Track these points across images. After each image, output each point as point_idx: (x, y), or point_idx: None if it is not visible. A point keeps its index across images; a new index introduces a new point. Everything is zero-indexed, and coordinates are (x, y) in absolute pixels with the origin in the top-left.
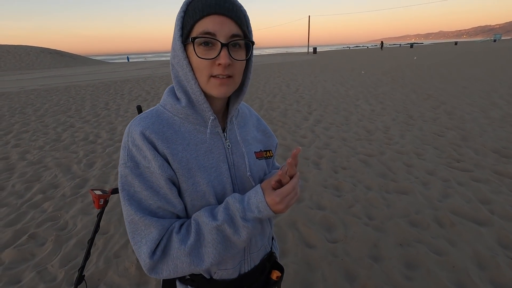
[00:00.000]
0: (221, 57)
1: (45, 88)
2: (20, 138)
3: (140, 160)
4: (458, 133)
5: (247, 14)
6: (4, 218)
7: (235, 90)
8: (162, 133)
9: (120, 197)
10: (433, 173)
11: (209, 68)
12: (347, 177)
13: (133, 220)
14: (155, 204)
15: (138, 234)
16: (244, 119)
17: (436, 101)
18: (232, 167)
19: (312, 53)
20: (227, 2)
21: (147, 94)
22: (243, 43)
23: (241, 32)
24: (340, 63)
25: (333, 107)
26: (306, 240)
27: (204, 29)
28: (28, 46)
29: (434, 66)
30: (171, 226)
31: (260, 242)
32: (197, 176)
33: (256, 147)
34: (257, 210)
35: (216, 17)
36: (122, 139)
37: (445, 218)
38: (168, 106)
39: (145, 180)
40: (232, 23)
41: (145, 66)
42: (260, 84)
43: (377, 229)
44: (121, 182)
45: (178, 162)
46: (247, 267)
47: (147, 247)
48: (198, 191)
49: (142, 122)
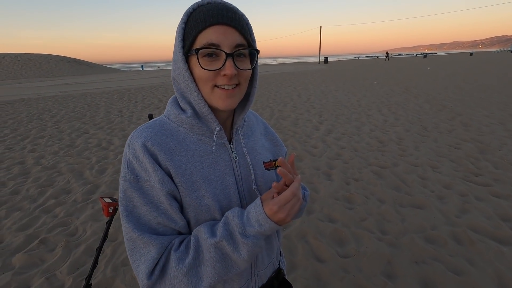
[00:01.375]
0: (227, 67)
1: (63, 95)
2: (36, 143)
3: (141, 173)
4: (476, 146)
5: (249, 22)
6: (17, 222)
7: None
8: (165, 144)
9: (120, 211)
10: (450, 187)
11: (213, 79)
12: (359, 189)
13: (131, 238)
14: (154, 220)
15: (137, 252)
16: (251, 128)
17: (451, 112)
18: (240, 181)
19: (324, 63)
20: (230, 11)
21: (160, 101)
22: (248, 52)
23: (245, 41)
24: (351, 73)
25: (344, 117)
26: (316, 254)
27: (207, 40)
28: (48, 54)
29: (449, 77)
30: (170, 244)
31: (267, 258)
32: (201, 189)
33: (266, 156)
34: (257, 224)
35: (219, 27)
36: (124, 150)
37: (464, 235)
38: (172, 117)
39: (145, 194)
40: (236, 33)
41: (158, 74)
42: (271, 93)
43: (391, 244)
44: (120, 196)
45: (181, 174)
46: (255, 286)
47: (145, 267)
48: (203, 205)
49: (143, 133)
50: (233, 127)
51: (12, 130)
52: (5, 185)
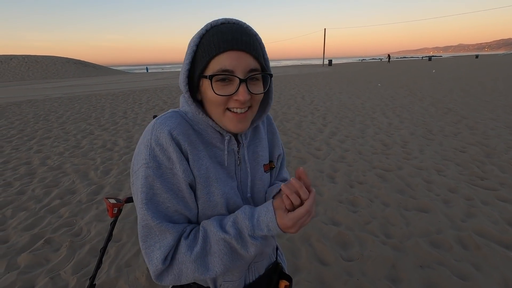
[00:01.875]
0: (240, 93)
1: (68, 97)
2: (43, 144)
3: (163, 160)
4: (482, 149)
5: (262, 41)
6: (23, 222)
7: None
8: (188, 136)
9: (138, 198)
10: (455, 191)
11: (225, 103)
12: (363, 192)
13: (147, 225)
14: (172, 208)
15: (151, 238)
16: (255, 129)
17: (456, 115)
18: (240, 184)
19: (328, 65)
20: (244, 34)
21: (164, 103)
22: (269, 76)
23: (259, 65)
24: (355, 76)
25: (348, 119)
26: (320, 257)
27: (221, 66)
28: (54, 56)
29: (454, 79)
30: (183, 230)
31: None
32: (213, 186)
33: (266, 158)
34: (266, 229)
35: (233, 53)
36: (142, 137)
37: (470, 240)
38: (189, 114)
39: (166, 182)
40: (250, 57)
41: (163, 76)
42: (275, 96)
43: (395, 248)
44: (141, 183)
45: (197, 168)
46: (252, 277)
47: (161, 252)
48: (211, 201)
49: (168, 122)
50: (238, 137)
51: (19, 131)
52: (11, 185)
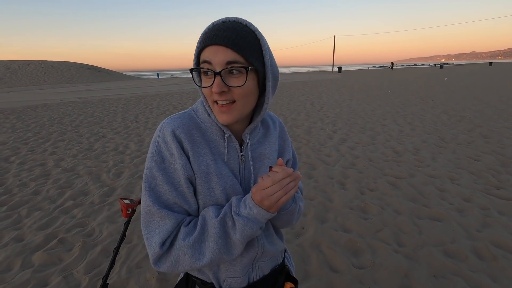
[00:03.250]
0: (214, 85)
1: (82, 101)
2: (57, 146)
3: (167, 155)
4: (497, 158)
5: (261, 38)
6: (38, 221)
7: (246, 114)
8: (190, 135)
9: (142, 187)
10: (470, 200)
11: (210, 95)
12: (374, 199)
13: (149, 211)
14: (172, 200)
15: (153, 224)
16: (266, 132)
17: (470, 123)
18: (243, 182)
19: (337, 72)
20: (227, 31)
21: (175, 108)
22: (244, 68)
23: (241, 58)
24: (365, 83)
25: (359, 126)
26: (330, 263)
27: (203, 59)
28: (69, 62)
29: (467, 87)
30: (183, 220)
31: (269, 247)
32: (213, 181)
33: (273, 162)
34: (248, 207)
35: (213, 47)
36: (154, 134)
37: (485, 250)
38: (199, 113)
39: (168, 175)
40: (228, 51)
41: (173, 82)
42: (284, 102)
43: (408, 257)
44: (146, 173)
45: (198, 164)
46: (256, 276)
47: (159, 237)
48: (212, 196)
49: (174, 122)
50: (242, 136)
51: (35, 133)
52: (27, 185)
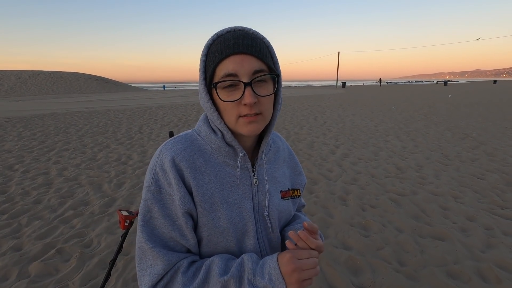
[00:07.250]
0: (246, 97)
1: (88, 111)
2: (61, 156)
3: (165, 185)
4: (501, 177)
5: (270, 44)
6: (37, 230)
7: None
8: (192, 161)
9: (138, 219)
10: (474, 219)
11: (236, 109)
12: (376, 216)
13: (142, 247)
14: (168, 234)
15: (145, 262)
16: (276, 154)
17: (474, 141)
18: (257, 205)
19: (341, 88)
20: (246, 38)
21: (179, 120)
22: (269, 76)
23: (265, 65)
24: (369, 98)
25: (361, 141)
26: (329, 281)
27: (225, 71)
28: (78, 73)
29: (472, 105)
30: (179, 262)
31: None
32: (218, 211)
33: (284, 185)
34: (268, 277)
35: (236, 56)
36: (151, 160)
37: (490, 272)
38: (202, 134)
39: (164, 207)
40: (253, 59)
41: (179, 94)
42: (287, 116)
43: (409, 277)
44: (141, 205)
45: (202, 194)
46: None
47: (149, 279)
48: (218, 227)
49: (174, 147)
50: (259, 152)
51: (40, 142)
52: (29, 194)
